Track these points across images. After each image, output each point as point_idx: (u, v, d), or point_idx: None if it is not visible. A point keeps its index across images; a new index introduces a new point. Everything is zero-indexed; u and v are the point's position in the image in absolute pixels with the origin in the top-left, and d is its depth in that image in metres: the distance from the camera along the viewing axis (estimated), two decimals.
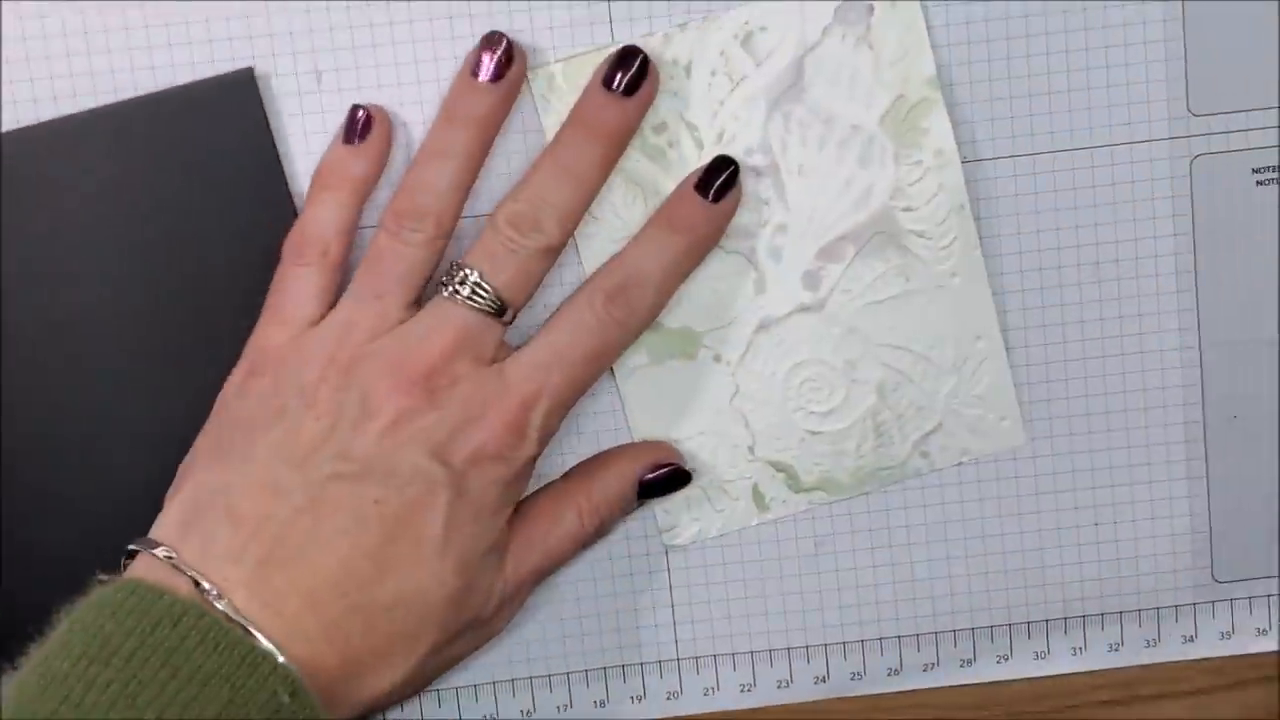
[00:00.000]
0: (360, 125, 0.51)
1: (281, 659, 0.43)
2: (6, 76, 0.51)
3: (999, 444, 0.54)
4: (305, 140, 0.52)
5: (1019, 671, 0.56)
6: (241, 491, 0.47)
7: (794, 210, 0.52)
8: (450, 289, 0.49)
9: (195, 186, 0.51)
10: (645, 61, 0.50)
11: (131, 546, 0.47)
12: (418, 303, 0.50)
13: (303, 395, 0.48)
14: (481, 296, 0.48)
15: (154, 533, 0.47)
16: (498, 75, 0.50)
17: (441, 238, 0.50)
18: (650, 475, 0.52)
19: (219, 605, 0.44)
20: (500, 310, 0.49)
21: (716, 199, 0.51)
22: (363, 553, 0.46)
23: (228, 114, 0.51)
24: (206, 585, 0.44)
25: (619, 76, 0.50)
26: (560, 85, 0.51)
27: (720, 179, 0.51)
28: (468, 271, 0.49)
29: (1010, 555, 0.55)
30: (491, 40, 0.50)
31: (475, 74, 0.50)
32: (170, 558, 0.45)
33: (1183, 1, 0.52)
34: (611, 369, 0.53)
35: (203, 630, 0.42)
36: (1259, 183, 0.53)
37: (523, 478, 0.49)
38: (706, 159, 0.51)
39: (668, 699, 0.55)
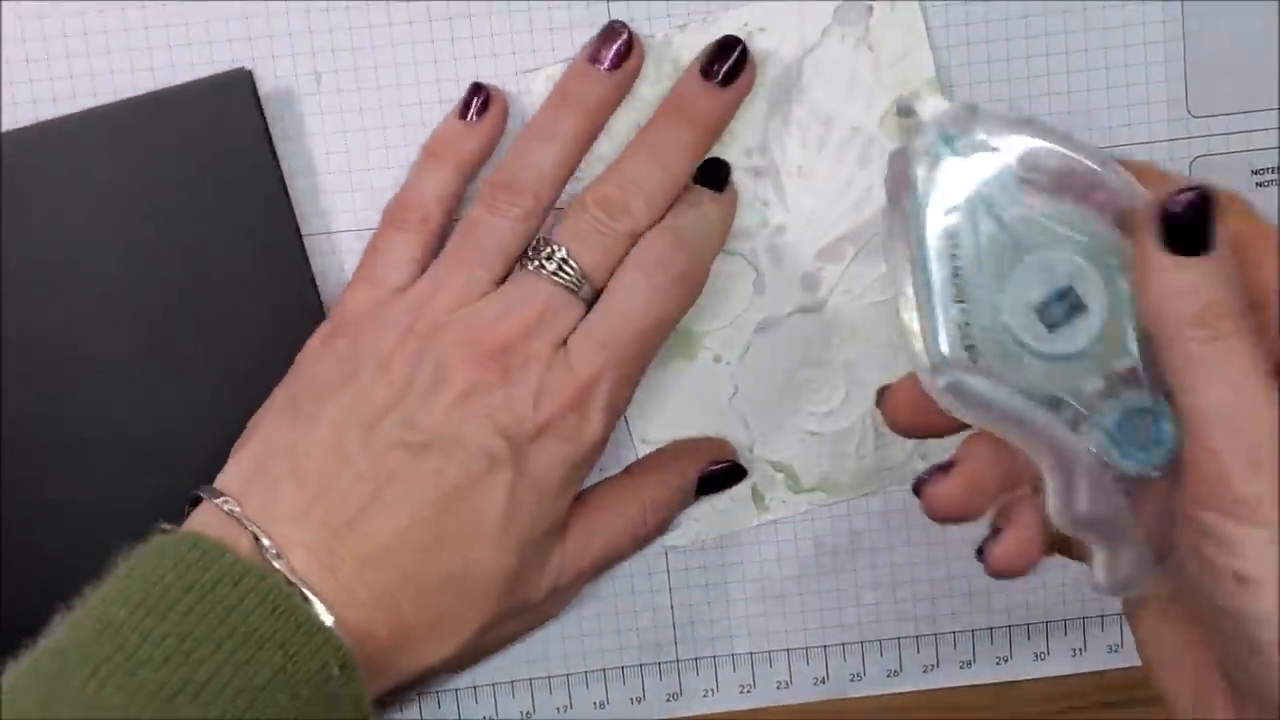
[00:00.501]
0: (479, 104, 0.51)
1: (335, 630, 0.43)
2: (6, 77, 0.51)
3: None
4: (305, 141, 0.52)
5: (1019, 673, 0.56)
6: (306, 451, 0.46)
7: (793, 211, 0.52)
8: (536, 263, 0.48)
9: (191, 186, 0.51)
10: (745, 53, 0.50)
11: (196, 493, 0.46)
12: (505, 280, 0.49)
13: (378, 361, 0.47)
14: (567, 273, 0.48)
15: (219, 483, 0.47)
16: (616, 64, 0.50)
17: (536, 216, 0.49)
18: (709, 470, 0.53)
19: (277, 564, 0.44)
20: (581, 289, 0.48)
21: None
22: (421, 524, 0.46)
23: (223, 114, 0.51)
24: (266, 542, 0.44)
25: (716, 66, 0.50)
26: None
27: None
28: (555, 248, 0.48)
29: None
30: (613, 30, 0.50)
31: (594, 61, 0.50)
32: (234, 511, 0.45)
33: (1182, 3, 0.52)
34: None
35: (262, 593, 0.42)
36: (1259, 184, 0.53)
37: (589, 460, 0.49)
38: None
39: (667, 700, 0.55)
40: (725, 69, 0.50)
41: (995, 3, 0.51)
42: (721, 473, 0.53)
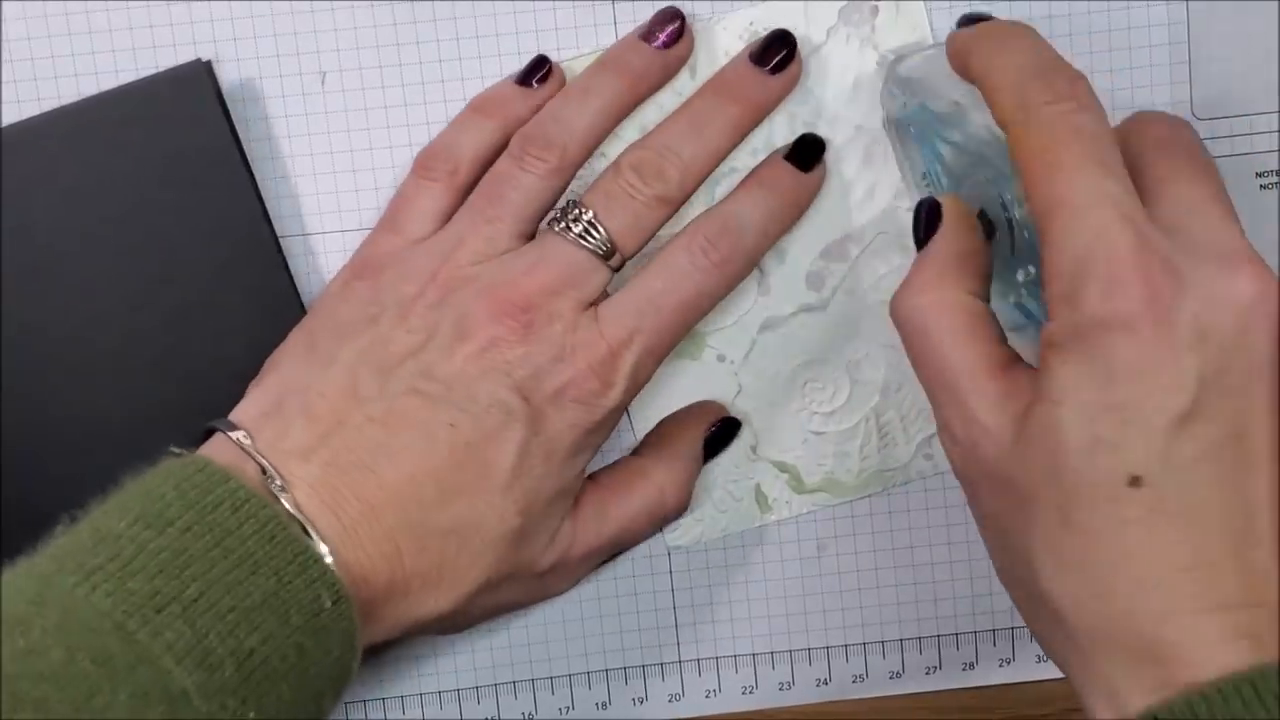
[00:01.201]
0: (541, 73, 0.50)
1: (331, 563, 0.43)
2: (8, 77, 0.51)
3: None
4: (308, 141, 0.52)
5: (1021, 675, 0.56)
6: (321, 391, 0.46)
7: None
8: (562, 224, 0.48)
9: (156, 180, 0.50)
10: (795, 48, 0.50)
11: (210, 424, 0.46)
12: (529, 236, 0.49)
13: (399, 307, 0.47)
14: (593, 237, 0.48)
15: (233, 417, 0.47)
16: (666, 45, 0.50)
17: (564, 173, 0.49)
18: (709, 433, 0.53)
19: (281, 497, 0.44)
20: (609, 254, 0.48)
21: (806, 168, 0.51)
22: (428, 473, 0.46)
23: (183, 106, 0.50)
24: (273, 475, 0.44)
25: (766, 54, 0.50)
26: None
27: (809, 153, 0.51)
28: (582, 210, 0.48)
29: None
30: (670, 14, 0.50)
31: (646, 38, 0.50)
32: (244, 443, 0.45)
33: (1186, 5, 0.52)
34: None
35: (261, 520, 0.42)
36: (1262, 186, 0.53)
37: (604, 427, 0.48)
38: None
39: (669, 701, 0.55)
40: (776, 59, 0.50)
41: (999, 4, 0.51)
42: (720, 431, 0.53)
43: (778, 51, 0.50)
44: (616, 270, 0.48)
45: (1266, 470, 0.39)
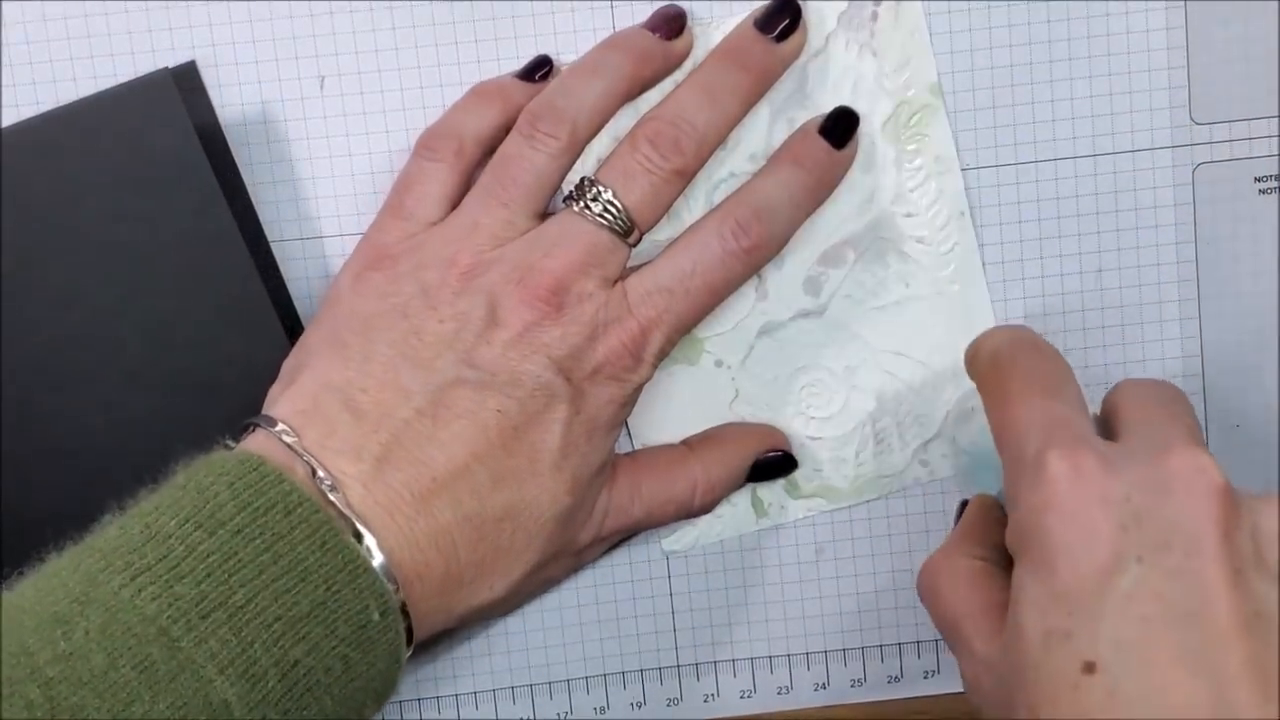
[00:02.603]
0: (543, 71, 0.50)
1: (381, 573, 0.43)
2: (7, 80, 0.51)
3: None
4: (308, 145, 0.52)
5: None
6: (362, 387, 0.46)
7: None
8: (581, 204, 0.48)
9: (124, 190, 0.50)
10: (800, 15, 0.50)
11: (252, 420, 0.46)
12: (543, 215, 0.49)
13: (425, 296, 0.47)
14: (612, 214, 0.48)
15: (270, 415, 0.46)
16: (669, 37, 0.50)
17: (573, 150, 0.49)
18: (763, 457, 0.53)
19: (333, 497, 0.43)
20: (628, 231, 0.48)
21: (839, 145, 0.50)
22: (480, 461, 0.45)
23: (151, 114, 0.50)
24: (323, 474, 0.44)
25: (770, 21, 0.50)
26: None
27: (844, 126, 0.51)
28: (600, 189, 0.48)
29: None
30: (670, 12, 0.50)
31: (651, 29, 0.50)
32: (291, 442, 0.44)
33: (1185, 10, 0.52)
34: None
35: (314, 525, 0.42)
36: (1261, 191, 0.53)
37: (631, 401, 0.49)
38: (709, 165, 0.51)
39: (668, 705, 0.55)
40: (781, 26, 0.50)
41: (999, 9, 0.51)
42: (776, 461, 0.53)
43: (781, 19, 0.50)
44: (635, 245, 0.48)
45: (1237, 644, 0.38)
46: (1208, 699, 0.38)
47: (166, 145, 0.50)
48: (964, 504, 0.49)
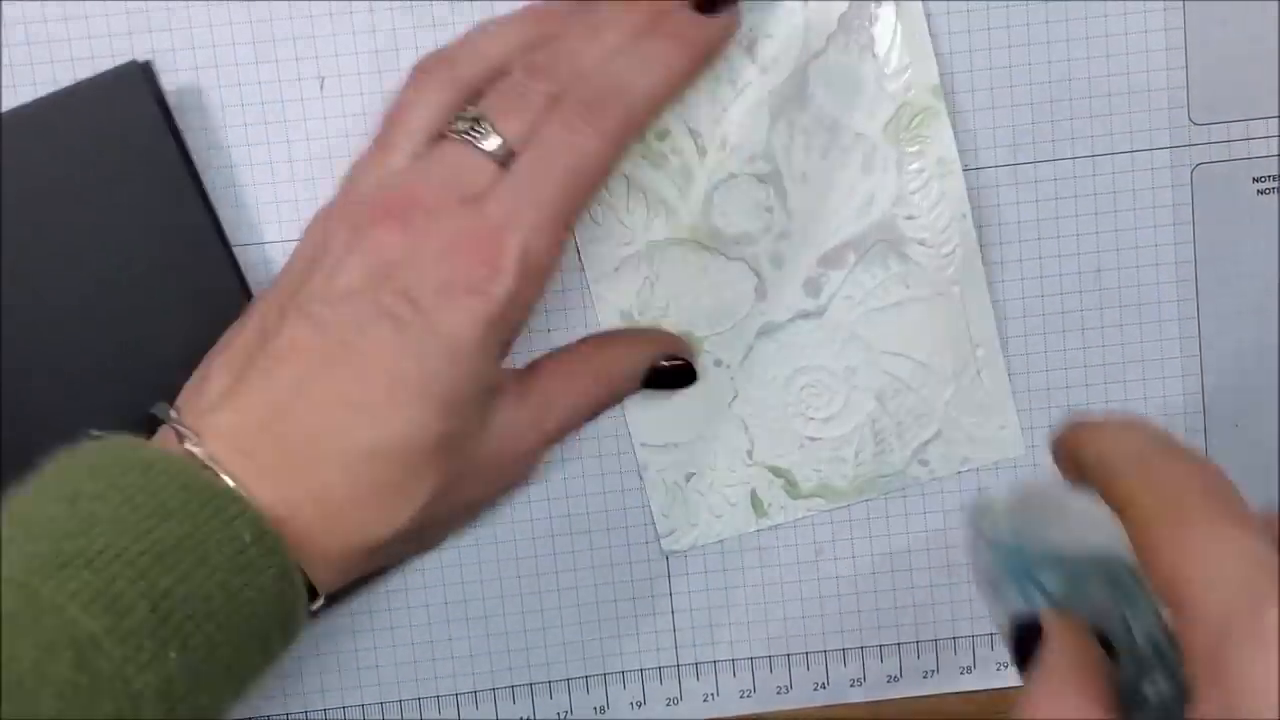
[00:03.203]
0: None
1: (247, 500, 0.42)
2: (7, 81, 0.51)
3: (998, 452, 0.54)
4: (307, 145, 0.52)
5: (1017, 679, 0.56)
6: (231, 342, 0.46)
7: (796, 217, 0.52)
8: (453, 129, 0.47)
9: (96, 182, 0.50)
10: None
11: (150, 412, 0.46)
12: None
13: (306, 247, 0.47)
14: (479, 132, 0.46)
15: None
16: None
17: (454, 86, 0.48)
18: (661, 365, 0.52)
19: (194, 449, 0.43)
20: (497, 153, 0.46)
21: (711, 10, 0.48)
22: (336, 398, 0.44)
23: (120, 108, 0.50)
24: (185, 433, 0.43)
25: None
26: None
27: None
28: (469, 108, 0.47)
29: None
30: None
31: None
32: (169, 415, 0.44)
33: (1183, 10, 0.52)
34: None
35: (173, 474, 0.41)
36: (1260, 191, 0.53)
37: (506, 318, 0.45)
38: (709, 166, 0.51)
39: (667, 705, 0.55)
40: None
41: (999, 10, 0.52)
42: (672, 370, 0.52)
43: None
44: (504, 165, 0.46)
45: None
46: None
47: (137, 137, 0.50)
48: (1022, 628, 0.40)
